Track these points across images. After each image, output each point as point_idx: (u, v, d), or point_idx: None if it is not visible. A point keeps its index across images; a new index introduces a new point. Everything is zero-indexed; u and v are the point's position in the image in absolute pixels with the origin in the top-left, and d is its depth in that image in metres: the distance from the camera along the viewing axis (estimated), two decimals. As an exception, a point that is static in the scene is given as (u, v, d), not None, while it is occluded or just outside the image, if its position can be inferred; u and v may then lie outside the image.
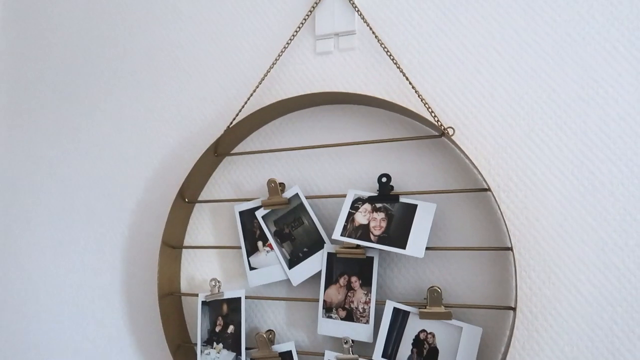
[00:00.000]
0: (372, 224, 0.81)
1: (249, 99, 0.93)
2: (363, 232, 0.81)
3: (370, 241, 0.80)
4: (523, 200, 0.79)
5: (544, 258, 0.77)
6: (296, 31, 0.93)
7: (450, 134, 0.82)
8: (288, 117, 0.95)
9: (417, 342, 0.78)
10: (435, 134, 0.83)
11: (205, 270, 0.98)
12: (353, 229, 0.82)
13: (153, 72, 1.08)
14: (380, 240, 0.80)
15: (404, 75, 0.85)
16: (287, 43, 0.93)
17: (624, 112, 0.76)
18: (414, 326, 0.79)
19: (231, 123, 0.93)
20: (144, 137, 1.07)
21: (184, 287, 0.99)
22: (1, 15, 1.28)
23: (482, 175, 0.78)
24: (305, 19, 0.93)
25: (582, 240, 0.76)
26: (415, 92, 0.85)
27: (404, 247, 0.77)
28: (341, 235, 0.82)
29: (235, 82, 1.01)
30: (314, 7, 0.93)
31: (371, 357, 0.80)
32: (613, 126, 0.76)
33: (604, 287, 0.74)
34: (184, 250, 1.00)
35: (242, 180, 0.97)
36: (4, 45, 1.26)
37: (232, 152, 0.97)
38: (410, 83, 0.84)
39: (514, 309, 0.74)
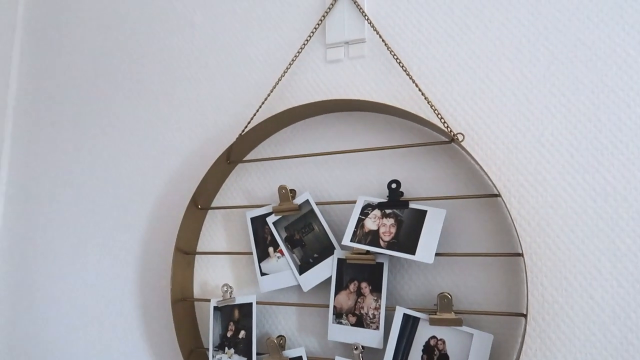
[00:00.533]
0: (381, 230, 0.81)
1: (260, 107, 0.95)
2: (373, 237, 0.81)
3: (380, 247, 0.80)
4: (534, 206, 0.79)
5: (555, 264, 0.76)
6: (307, 40, 0.94)
7: (460, 139, 0.82)
8: (299, 125, 0.97)
9: (427, 349, 0.78)
10: (445, 140, 0.83)
11: (217, 276, 0.99)
12: (363, 235, 0.82)
13: (168, 84, 1.11)
14: (390, 246, 0.80)
15: (414, 82, 0.85)
16: (298, 52, 0.94)
17: (635, 117, 0.75)
18: (424, 332, 0.79)
19: (243, 131, 0.94)
20: (159, 147, 1.09)
21: (197, 292, 1.00)
22: (22, 32, 1.32)
23: (492, 181, 0.77)
24: (315, 28, 0.94)
25: (595, 246, 0.75)
26: (425, 98, 0.86)
27: (413, 253, 0.77)
28: (351, 241, 0.82)
29: (248, 91, 1.02)
30: (324, 16, 0.95)
31: (381, 363, 0.79)
32: (625, 131, 0.76)
33: (618, 294, 0.73)
34: (196, 256, 1.01)
35: (253, 187, 0.98)
36: (26, 60, 1.30)
37: (244, 159, 0.99)
38: (419, 90, 0.85)
39: (525, 316, 0.73)
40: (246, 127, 0.95)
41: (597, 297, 0.74)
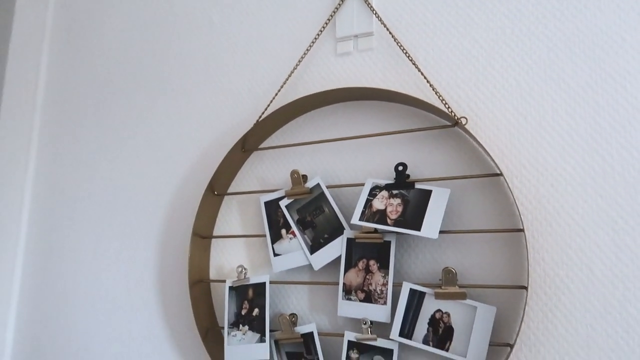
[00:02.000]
0: (388, 209, 0.85)
1: (274, 98, 1.00)
2: (380, 216, 0.85)
3: (387, 225, 0.84)
4: (535, 185, 0.82)
5: (556, 240, 0.80)
6: (318, 34, 1.00)
7: (464, 123, 0.86)
8: (310, 115, 1.01)
9: (433, 322, 0.81)
10: (449, 124, 0.87)
11: (232, 259, 1.03)
12: (371, 214, 0.86)
13: (187, 80, 1.17)
14: (397, 223, 0.84)
15: (419, 71, 0.90)
16: (310, 46, 1.00)
17: (632, 99, 0.79)
18: (429, 306, 0.82)
19: (259, 118, 1.00)
20: (178, 140, 1.15)
21: (213, 275, 1.05)
22: (51, 33, 1.40)
23: (494, 162, 0.81)
24: (326, 23, 1.00)
25: (594, 222, 0.78)
26: (430, 85, 0.90)
27: (419, 229, 0.81)
28: (359, 219, 0.86)
29: (262, 85, 1.08)
30: (334, 12, 1.00)
31: (389, 336, 0.83)
32: (622, 112, 0.79)
33: (617, 267, 0.76)
34: (213, 240, 1.06)
35: (267, 174, 1.03)
36: (54, 60, 1.38)
37: (259, 147, 1.04)
38: (425, 77, 0.89)
39: (526, 288, 0.77)
40: (260, 117, 1.00)
41: (596, 271, 0.77)
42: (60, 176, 1.29)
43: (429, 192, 0.84)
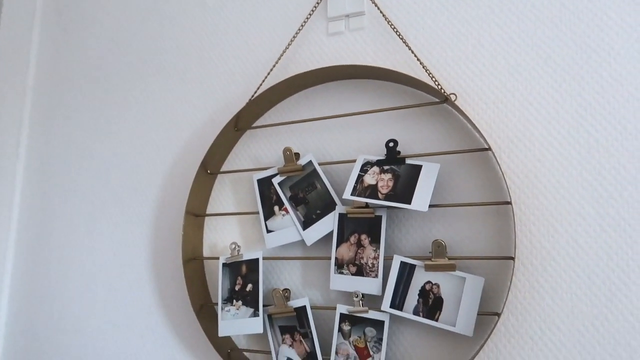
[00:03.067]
0: (379, 184, 0.87)
1: (266, 77, 1.01)
2: (371, 191, 0.87)
3: (378, 199, 0.85)
4: (522, 160, 0.84)
5: (542, 212, 0.82)
6: (310, 14, 1.01)
7: (453, 99, 0.88)
8: (302, 94, 1.03)
9: (423, 293, 0.83)
10: (439, 101, 0.89)
11: (226, 237, 1.04)
12: (362, 189, 0.88)
13: (180, 60, 1.17)
14: (387, 197, 0.85)
15: (410, 49, 0.91)
16: (302, 26, 1.01)
17: (616, 74, 0.81)
18: (419, 278, 0.84)
19: (252, 96, 1.00)
20: (172, 120, 1.15)
21: (206, 252, 1.06)
22: (42, 14, 1.39)
23: (483, 137, 0.83)
24: (318, 3, 1.01)
25: (579, 194, 0.80)
26: (420, 63, 0.91)
27: (409, 203, 0.83)
28: (351, 194, 0.88)
29: (254, 65, 1.09)
30: (326, -8, 1.01)
31: (380, 308, 0.84)
32: (606, 87, 0.81)
33: (600, 237, 0.78)
34: (206, 218, 1.07)
35: (260, 152, 1.04)
36: (45, 41, 1.37)
37: (252, 126, 1.04)
38: (415, 56, 0.91)
39: (513, 259, 0.79)
40: (253, 95, 1.01)
41: (581, 242, 0.79)
42: (53, 157, 1.29)
43: (419, 167, 0.86)
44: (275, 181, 0.97)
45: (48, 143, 1.30)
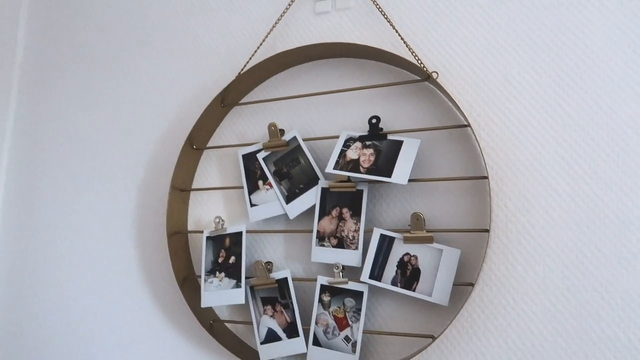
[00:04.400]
0: (361, 159, 0.89)
1: (253, 55, 1.02)
2: (353, 166, 0.88)
3: (360, 173, 0.87)
4: (500, 136, 0.86)
5: (518, 187, 0.84)
6: (297, -7, 1.02)
7: (435, 77, 0.90)
8: (289, 72, 1.04)
9: (401, 264, 0.85)
10: (421, 78, 0.91)
11: (211, 212, 1.06)
12: (344, 164, 0.89)
13: (167, 37, 1.18)
14: (369, 171, 0.87)
15: (394, 28, 0.93)
16: (289, 4, 1.02)
17: (592, 55, 0.83)
18: (398, 250, 0.86)
19: (241, 70, 1.02)
20: (159, 96, 1.16)
21: (191, 227, 1.07)
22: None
23: (463, 114, 0.85)
24: (305, -18, 1.02)
25: (555, 170, 0.82)
26: (404, 42, 0.93)
27: (389, 176, 0.85)
28: (334, 168, 0.89)
29: (242, 43, 1.10)
30: (313, -29, 1.03)
31: (359, 279, 0.86)
32: (583, 67, 0.83)
33: (574, 212, 0.81)
34: (192, 194, 1.08)
35: (246, 129, 1.06)
36: (33, 17, 1.37)
37: (238, 102, 1.06)
38: (399, 35, 0.92)
39: (488, 231, 0.81)
40: (241, 70, 1.02)
41: (555, 216, 0.81)
42: (39, 133, 1.29)
43: (400, 142, 0.88)
44: (260, 156, 0.99)
45: (35, 119, 1.30)
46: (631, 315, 0.76)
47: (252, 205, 0.98)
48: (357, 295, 0.88)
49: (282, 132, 1.00)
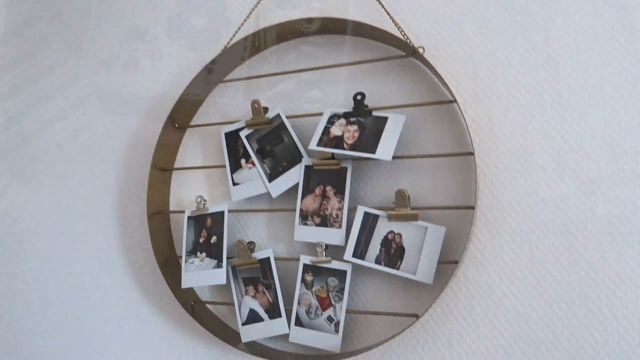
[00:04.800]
0: (345, 135, 0.87)
1: (237, 32, 0.99)
2: (337, 142, 0.86)
3: (344, 149, 0.85)
4: (487, 112, 0.85)
5: (504, 164, 0.82)
6: (282, -32, 1.00)
7: (421, 52, 0.88)
8: (273, 49, 1.02)
9: (385, 243, 0.83)
10: (407, 54, 0.89)
11: (193, 191, 1.03)
12: (328, 140, 0.87)
13: (151, 13, 1.15)
14: (353, 148, 0.85)
15: (380, 3, 0.91)
16: (274, -20, 1.00)
17: (580, 29, 0.81)
18: (382, 228, 0.84)
19: (225, 47, 0.99)
20: (140, 74, 1.13)
21: (173, 207, 1.05)
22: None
23: (449, 90, 0.83)
24: (290, -43, 1.00)
25: (541, 147, 0.81)
26: (390, 17, 0.91)
27: (373, 152, 0.83)
28: (317, 145, 0.87)
29: (224, 21, 1.07)
30: (299, -54, 1.00)
31: (343, 258, 0.85)
32: (570, 42, 0.82)
33: (560, 188, 0.79)
34: (174, 173, 1.05)
35: (229, 107, 1.03)
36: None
37: (222, 80, 1.03)
38: (385, 9, 0.90)
39: (473, 208, 0.79)
40: (226, 46, 0.99)
41: (541, 193, 0.80)
42: (17, 109, 1.26)
43: (385, 118, 0.86)
44: (243, 134, 0.96)
45: (12, 98, 1.27)
46: (617, 293, 0.75)
47: (234, 184, 0.96)
48: (341, 274, 0.86)
49: (265, 109, 0.98)
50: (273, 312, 0.90)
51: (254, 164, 0.95)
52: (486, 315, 0.80)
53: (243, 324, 0.91)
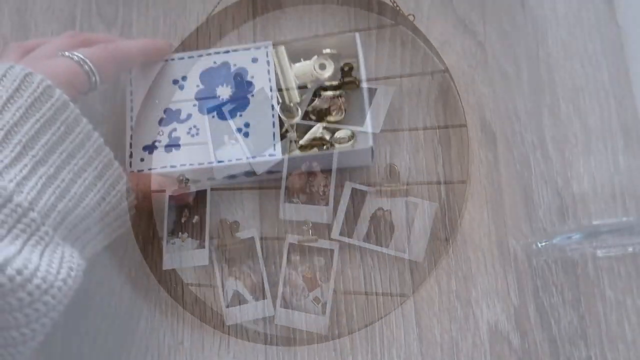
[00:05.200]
0: (332, 108, 0.83)
1: (219, 1, 0.95)
2: (324, 115, 0.83)
3: (330, 123, 0.82)
4: (479, 83, 0.81)
5: (498, 136, 0.79)
6: None
7: (412, 20, 0.84)
8: (258, 20, 0.97)
9: (374, 220, 0.80)
10: (396, 23, 0.85)
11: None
12: (314, 113, 0.83)
13: None
14: (339, 121, 0.81)
15: (368, -31, 0.87)
16: (258, -53, 0.95)
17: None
18: (371, 205, 0.81)
19: (208, 15, 0.95)
20: (119, 49, 1.08)
21: (155, 187, 1.00)
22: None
23: (441, 59, 0.79)
24: None
25: (536, 118, 0.77)
26: (379, -15, 0.87)
27: (361, 125, 0.79)
28: (302, 119, 0.84)
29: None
30: None
31: (330, 237, 0.81)
32: (560, 18, 0.78)
33: (557, 162, 0.76)
34: (154, 152, 1.01)
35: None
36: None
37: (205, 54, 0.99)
38: (374, -24, 0.86)
39: (465, 182, 0.76)
40: (210, 14, 0.95)
41: (536, 167, 0.77)
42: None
43: (374, 90, 0.82)
44: (226, 109, 0.92)
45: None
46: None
47: (217, 161, 0.92)
48: (328, 253, 0.82)
49: (249, 83, 0.93)
50: (258, 293, 0.87)
51: (237, 140, 0.91)
52: (478, 294, 0.77)
53: (227, 307, 0.88)
